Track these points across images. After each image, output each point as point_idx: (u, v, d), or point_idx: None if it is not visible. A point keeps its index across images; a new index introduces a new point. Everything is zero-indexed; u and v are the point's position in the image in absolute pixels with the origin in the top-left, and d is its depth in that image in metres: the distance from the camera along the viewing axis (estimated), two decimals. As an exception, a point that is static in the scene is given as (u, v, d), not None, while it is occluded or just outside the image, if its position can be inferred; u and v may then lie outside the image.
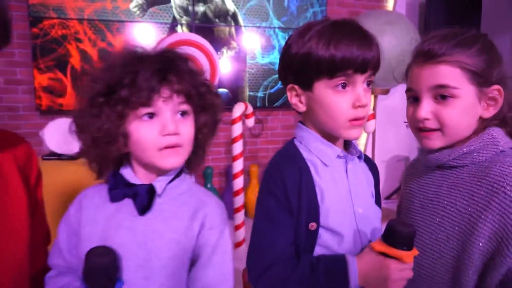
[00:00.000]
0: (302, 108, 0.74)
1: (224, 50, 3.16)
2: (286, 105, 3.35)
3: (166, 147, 0.65)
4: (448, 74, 0.68)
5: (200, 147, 0.73)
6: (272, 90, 3.34)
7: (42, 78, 2.78)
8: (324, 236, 0.70)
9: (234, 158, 2.50)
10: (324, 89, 0.69)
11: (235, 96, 3.20)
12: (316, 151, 0.73)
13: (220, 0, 3.10)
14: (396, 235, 0.64)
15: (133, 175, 0.69)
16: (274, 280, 0.67)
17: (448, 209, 0.72)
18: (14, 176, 0.62)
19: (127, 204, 0.68)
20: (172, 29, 3.02)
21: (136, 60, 0.63)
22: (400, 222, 0.67)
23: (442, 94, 0.69)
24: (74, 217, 0.70)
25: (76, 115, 0.66)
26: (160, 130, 0.64)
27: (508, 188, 0.64)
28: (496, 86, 0.69)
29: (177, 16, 3.04)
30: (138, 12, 2.96)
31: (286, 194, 0.68)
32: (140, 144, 0.65)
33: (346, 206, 0.72)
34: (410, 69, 0.75)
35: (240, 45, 3.19)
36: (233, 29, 3.17)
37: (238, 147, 2.47)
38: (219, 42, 3.12)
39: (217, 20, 3.13)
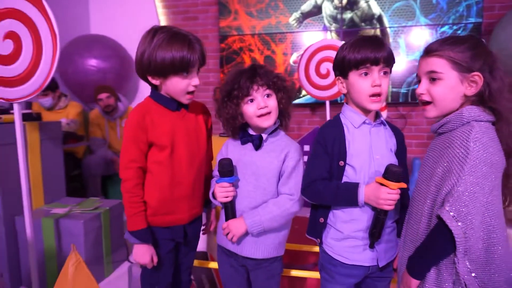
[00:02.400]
0: (344, 90, 1.14)
1: (368, 50, 3.47)
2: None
3: (261, 115, 1.17)
4: (436, 63, 0.95)
5: (283, 112, 1.22)
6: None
7: (225, 80, 3.78)
8: (348, 171, 1.09)
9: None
10: (354, 77, 1.09)
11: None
12: (349, 118, 1.12)
13: (367, 5, 3.43)
14: (387, 172, 0.99)
15: (251, 131, 1.25)
16: (314, 191, 1.11)
17: (428, 163, 1.00)
18: (202, 124, 1.27)
19: (249, 145, 1.24)
20: (322, 35, 3.54)
21: (239, 74, 1.17)
22: (393, 165, 1.00)
23: (432, 77, 0.97)
24: (223, 150, 1.31)
25: (216, 108, 1.27)
26: (257, 107, 1.17)
27: (456, 144, 0.89)
28: (476, 73, 0.92)
29: (327, 24, 3.54)
30: (295, 24, 3.61)
31: (325, 144, 1.11)
32: (247, 116, 1.18)
33: (366, 153, 1.08)
34: (419, 61, 1.05)
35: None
36: (378, 31, 3.44)
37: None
38: (363, 44, 3.45)
39: (363, 24, 3.47)
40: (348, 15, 3.49)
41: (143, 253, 1.15)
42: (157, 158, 1.15)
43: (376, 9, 3.42)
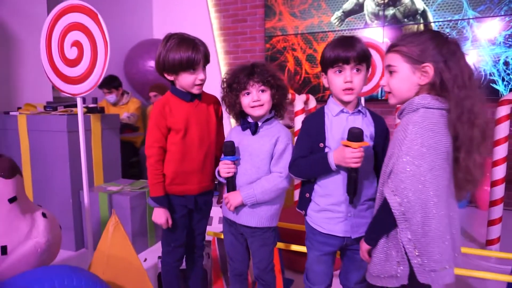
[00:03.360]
0: (327, 85, 1.30)
1: (411, 46, 3.43)
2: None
3: (254, 106, 1.38)
4: (391, 58, 1.07)
5: (278, 105, 1.41)
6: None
7: (269, 78, 4.00)
8: (326, 151, 1.26)
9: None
10: (331, 73, 1.24)
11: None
12: (330, 108, 1.28)
13: (410, 1, 3.40)
14: (349, 134, 1.13)
15: (249, 119, 1.46)
16: (297, 166, 1.28)
17: (389, 147, 1.11)
18: (212, 112, 1.51)
19: (248, 131, 1.46)
20: (363, 32, 3.59)
21: (240, 70, 1.38)
22: (354, 127, 1.13)
23: (389, 70, 1.08)
24: (228, 135, 1.54)
25: (221, 96, 1.49)
26: (251, 99, 1.37)
27: (400, 128, 1.00)
28: (427, 64, 1.00)
29: (369, 21, 3.57)
30: (337, 23, 3.70)
31: (307, 129, 1.29)
32: (243, 105, 1.39)
33: (340, 136, 1.23)
34: None
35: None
36: (421, 26, 3.39)
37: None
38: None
39: (405, 20, 3.44)
40: (390, 11, 3.49)
41: (160, 215, 1.43)
42: (173, 139, 1.42)
43: (420, 4, 3.38)
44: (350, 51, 1.20)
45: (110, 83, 3.47)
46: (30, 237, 1.49)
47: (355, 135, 1.13)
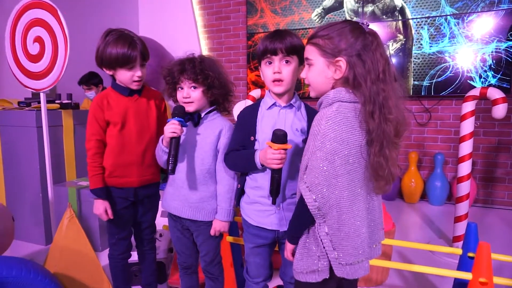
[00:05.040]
0: (262, 77, 1.31)
1: (390, 43, 3.43)
2: (459, 94, 3.22)
3: (184, 102, 1.38)
4: (309, 50, 1.04)
5: (216, 100, 1.42)
6: (439, 79, 3.31)
7: (251, 75, 4.02)
8: (256, 145, 1.26)
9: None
10: (262, 65, 1.26)
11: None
12: (264, 101, 1.30)
13: (388, -3, 3.39)
14: (272, 135, 1.13)
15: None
16: (229, 160, 1.30)
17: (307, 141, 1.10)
18: (153, 107, 1.53)
19: (191, 123, 1.46)
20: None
21: (174, 64, 1.37)
22: (278, 129, 1.12)
23: (308, 63, 1.07)
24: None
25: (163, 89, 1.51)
26: (184, 96, 1.36)
27: (315, 122, 0.99)
28: (339, 58, 0.98)
29: (348, 18, 3.57)
30: (317, 20, 3.70)
31: (240, 122, 1.30)
32: (178, 99, 1.40)
33: (270, 130, 1.22)
34: None
35: (407, 37, 3.37)
36: (399, 23, 3.38)
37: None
38: (385, 37, 3.42)
39: (384, 16, 3.44)
40: (369, 8, 3.49)
41: (98, 207, 1.45)
42: (111, 132, 1.45)
43: (398, 1, 3.37)
44: (278, 43, 1.21)
45: (89, 80, 3.50)
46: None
47: (277, 137, 1.13)
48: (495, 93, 2.07)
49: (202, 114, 1.42)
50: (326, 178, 0.95)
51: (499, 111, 2.04)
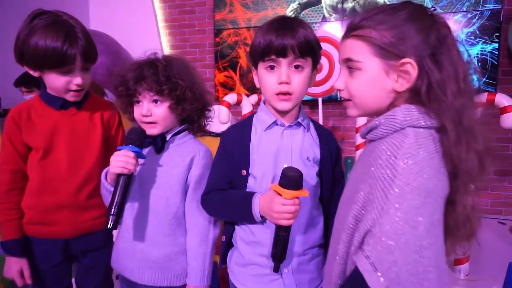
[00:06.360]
0: (257, 84, 0.94)
1: (371, 43, 3.18)
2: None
3: (143, 122, 0.98)
4: (352, 47, 0.71)
5: (188, 117, 1.01)
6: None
7: (220, 76, 3.61)
8: (250, 181, 0.89)
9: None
10: (261, 69, 0.88)
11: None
12: (259, 119, 0.92)
13: (369, -7, 3.14)
14: (282, 176, 0.77)
15: None
16: (209, 202, 0.92)
17: (352, 179, 0.74)
18: (98, 125, 1.08)
19: (151, 148, 1.06)
20: (321, 27, 3.29)
21: (128, 69, 0.96)
22: (291, 168, 0.77)
23: (349, 66, 0.72)
24: None
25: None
26: (143, 113, 0.96)
27: (381, 160, 0.63)
28: (406, 60, 0.65)
29: (327, 15, 3.28)
30: (293, 16, 3.37)
31: (226, 149, 0.92)
32: (136, 118, 1.00)
33: (271, 160, 0.87)
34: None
35: (389, 37, 3.13)
36: (381, 21, 3.14)
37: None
38: (366, 36, 3.16)
39: (365, 14, 3.18)
40: (349, 4, 3.21)
41: (10, 266, 1.01)
42: (31, 161, 1.02)
43: (380, -2, 3.12)
44: (287, 38, 0.83)
45: (29, 81, 2.92)
46: None
47: (289, 179, 0.76)
48: (504, 100, 1.83)
49: (168, 137, 1.02)
50: (406, 253, 0.60)
51: (510, 120, 1.80)
